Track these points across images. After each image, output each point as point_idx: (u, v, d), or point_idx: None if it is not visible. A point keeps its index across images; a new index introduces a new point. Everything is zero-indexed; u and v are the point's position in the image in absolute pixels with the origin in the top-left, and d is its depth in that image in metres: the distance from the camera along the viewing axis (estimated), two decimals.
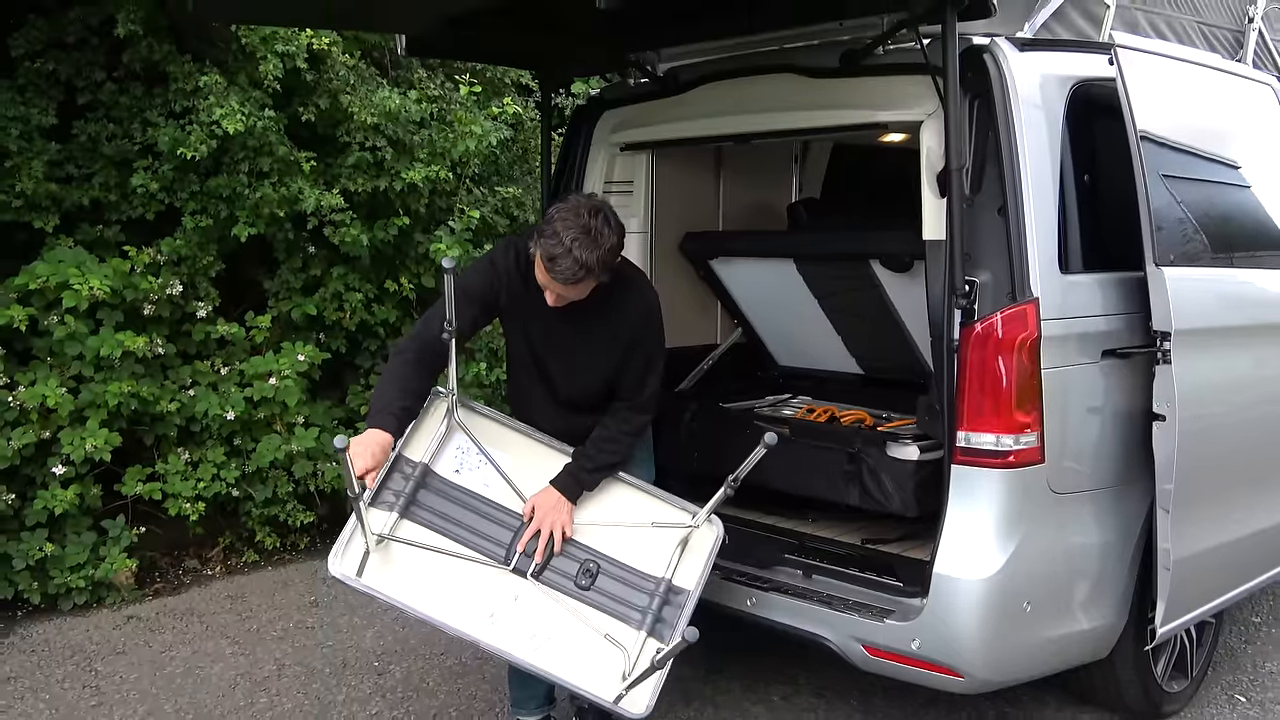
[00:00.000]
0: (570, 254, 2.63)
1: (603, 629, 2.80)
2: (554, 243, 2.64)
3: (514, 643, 2.75)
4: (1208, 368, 3.04)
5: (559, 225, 2.66)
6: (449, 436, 2.95)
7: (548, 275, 2.71)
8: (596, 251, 2.65)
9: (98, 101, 4.98)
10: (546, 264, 2.68)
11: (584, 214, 2.69)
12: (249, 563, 5.01)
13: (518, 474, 2.95)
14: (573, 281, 2.69)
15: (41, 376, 4.50)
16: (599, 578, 2.88)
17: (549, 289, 2.77)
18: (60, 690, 3.73)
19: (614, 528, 2.94)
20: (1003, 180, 2.82)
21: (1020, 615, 2.84)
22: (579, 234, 2.64)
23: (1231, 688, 3.71)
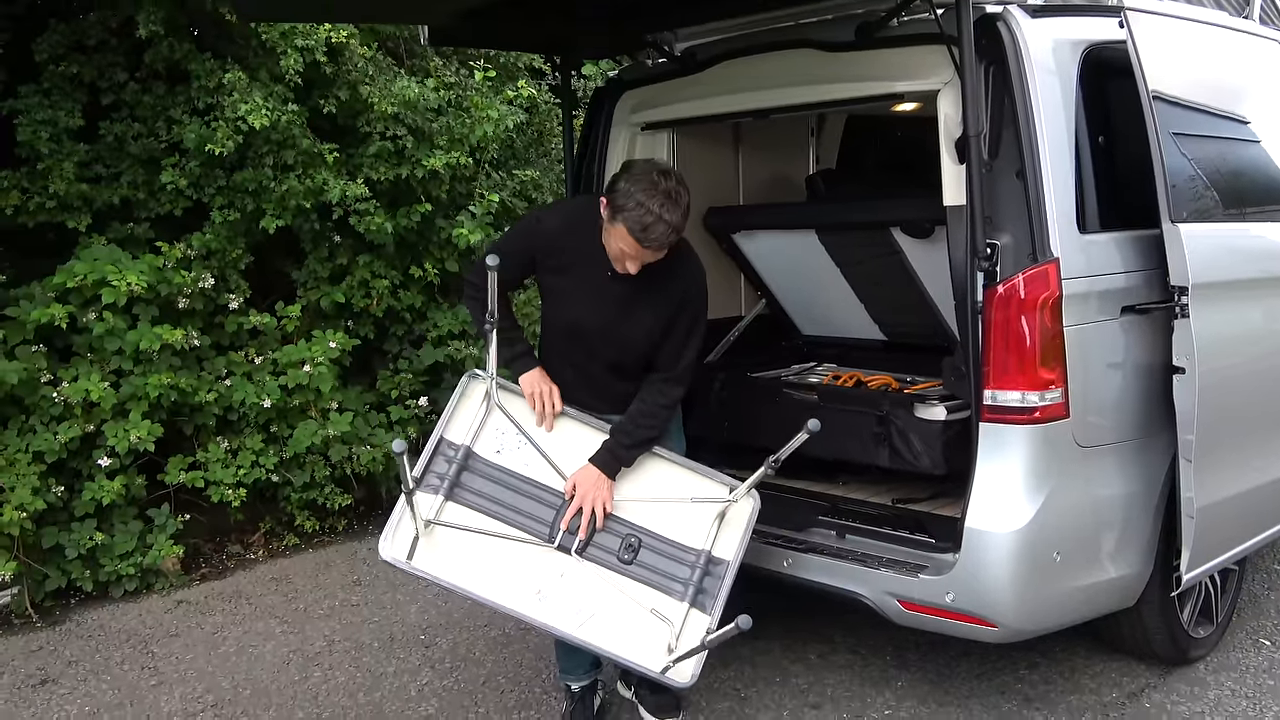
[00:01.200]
0: (662, 220, 2.70)
1: (647, 602, 2.91)
2: (643, 212, 2.70)
3: (561, 618, 2.87)
4: (1223, 320, 3.12)
5: (641, 196, 2.71)
6: (488, 418, 3.05)
7: (637, 246, 2.75)
8: (680, 211, 2.76)
9: (121, 102, 5.08)
10: (638, 236, 2.72)
11: (658, 179, 2.76)
12: (290, 546, 5.13)
13: (557, 452, 3.04)
14: (666, 246, 2.77)
15: (83, 372, 4.62)
16: (640, 552, 2.98)
17: (633, 259, 2.81)
18: (120, 672, 3.86)
19: (654, 503, 3.03)
20: (1020, 144, 2.89)
21: (1050, 566, 2.93)
22: (663, 199, 2.71)
23: (1256, 632, 3.81)
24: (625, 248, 2.79)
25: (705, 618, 2.92)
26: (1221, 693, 3.38)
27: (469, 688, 3.62)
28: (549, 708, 3.43)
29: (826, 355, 4.26)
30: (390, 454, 5.26)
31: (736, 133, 4.30)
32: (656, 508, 3.03)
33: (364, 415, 5.36)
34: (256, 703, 3.57)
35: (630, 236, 2.74)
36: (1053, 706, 3.32)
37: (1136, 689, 3.41)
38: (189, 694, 3.66)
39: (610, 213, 2.78)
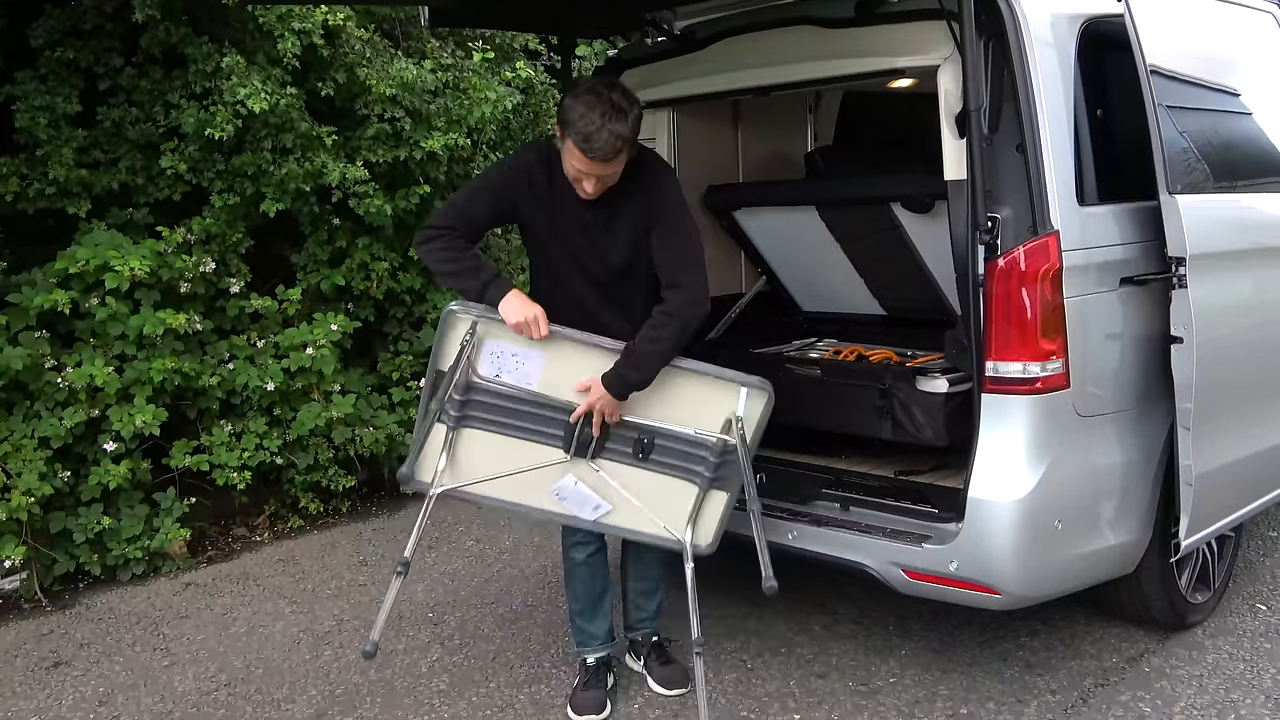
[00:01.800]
0: (605, 128, 2.72)
1: (665, 488, 3.06)
2: (585, 122, 2.73)
3: (580, 512, 3.10)
4: (1219, 291, 3.16)
5: (583, 108, 2.76)
6: (481, 345, 3.06)
7: (585, 160, 2.78)
8: (627, 120, 2.77)
9: (118, 87, 5.08)
10: (582, 146, 2.75)
11: (602, 91, 2.81)
12: (295, 528, 5.17)
13: (556, 366, 3.04)
14: (613, 155, 2.78)
15: (86, 357, 4.64)
16: (654, 449, 3.06)
17: (587, 177, 2.84)
18: (133, 653, 3.90)
19: (663, 405, 3.06)
20: (1019, 118, 2.92)
21: (1052, 533, 2.98)
22: (606, 108, 2.74)
23: (1252, 598, 3.87)
24: (577, 164, 2.83)
25: (724, 494, 3.07)
26: (1219, 656, 3.44)
27: (479, 663, 3.66)
28: (559, 681, 3.48)
29: (827, 331, 4.29)
30: (392, 435, 5.31)
31: (736, 111, 4.32)
32: (668, 408, 3.06)
33: (366, 397, 5.40)
34: (269, 681, 3.62)
35: (577, 149, 2.77)
36: (1054, 672, 3.38)
37: (1136, 654, 3.47)
38: (202, 673, 3.70)
39: (560, 132, 2.83)
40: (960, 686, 3.33)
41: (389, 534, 5.08)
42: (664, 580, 3.46)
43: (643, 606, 3.48)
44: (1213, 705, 3.15)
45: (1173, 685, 3.28)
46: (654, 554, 3.33)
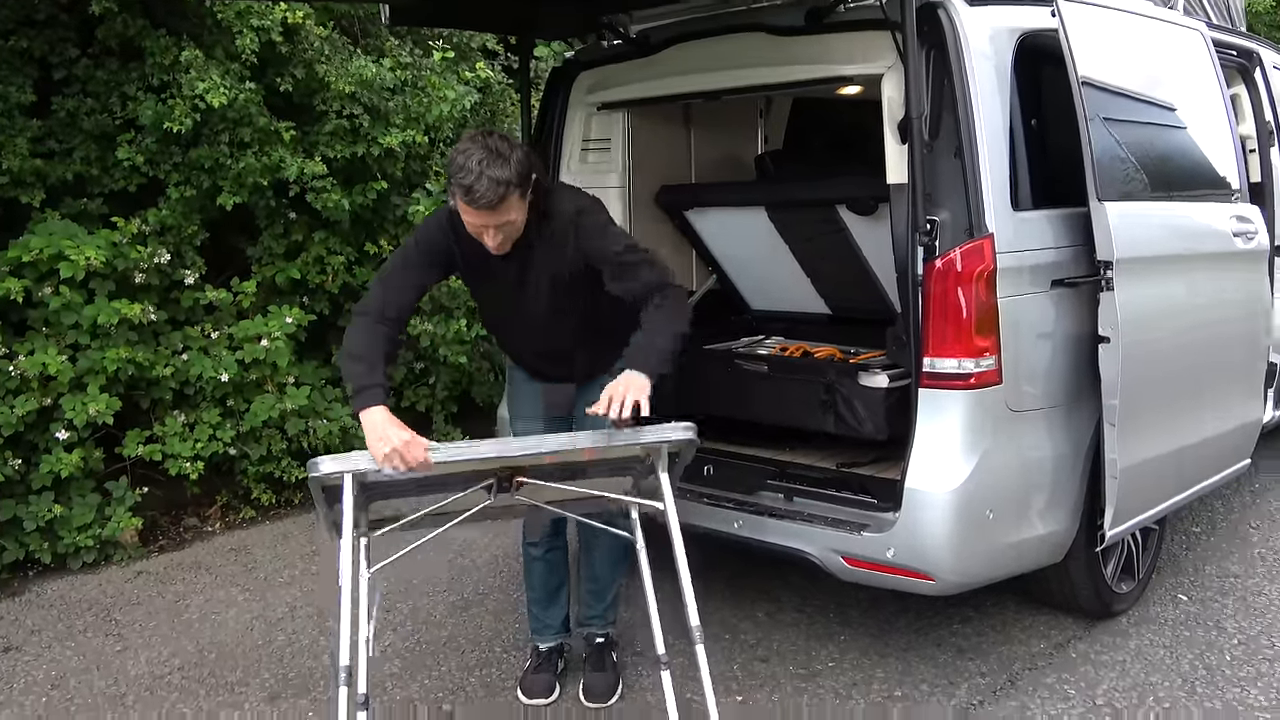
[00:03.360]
0: (483, 175, 2.58)
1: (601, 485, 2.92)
2: (464, 174, 2.60)
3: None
4: (1146, 294, 3.32)
5: (460, 158, 2.63)
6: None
7: (474, 212, 2.66)
8: (508, 164, 2.61)
9: (73, 77, 5.09)
10: (466, 199, 2.63)
11: (478, 137, 2.68)
12: (247, 519, 5.20)
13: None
14: (498, 202, 2.62)
15: (39, 346, 4.65)
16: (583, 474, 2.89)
17: (484, 231, 2.72)
18: (84, 639, 3.92)
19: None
20: (958, 126, 3.07)
21: (984, 522, 3.13)
22: (483, 154, 2.60)
23: (1175, 589, 4.05)
24: (468, 217, 2.71)
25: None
26: (1142, 643, 3.61)
27: (431, 648, 3.74)
28: (509, 665, 3.57)
29: (775, 329, 4.42)
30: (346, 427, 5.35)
31: (688, 113, 4.44)
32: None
33: (320, 390, 5.44)
34: (222, 664, 3.67)
35: (463, 202, 2.66)
36: (985, 656, 3.53)
37: (1063, 640, 3.63)
38: (155, 658, 3.74)
39: (449, 190, 2.74)
40: (896, 670, 3.46)
41: None
42: (617, 584, 3.45)
43: (591, 605, 3.44)
44: (1133, 688, 3.31)
45: (1096, 669, 3.43)
46: (606, 554, 3.35)
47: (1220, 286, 3.80)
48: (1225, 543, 4.51)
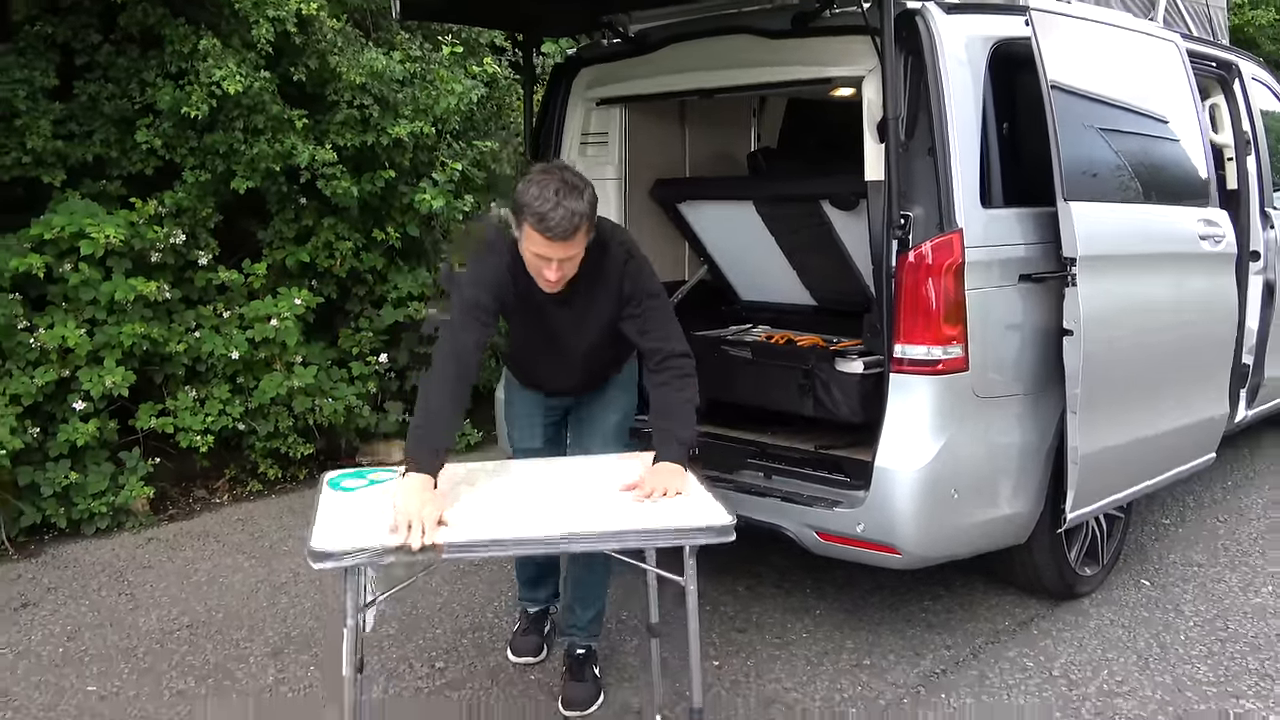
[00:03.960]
0: (560, 205, 2.65)
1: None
2: (541, 202, 2.65)
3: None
4: (1109, 290, 3.49)
5: (536, 189, 2.68)
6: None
7: (545, 241, 2.69)
8: (582, 198, 2.70)
9: (95, 63, 5.29)
10: (539, 227, 2.67)
11: (553, 172, 2.74)
12: (253, 492, 5.41)
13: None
14: (571, 234, 2.68)
15: (58, 320, 4.85)
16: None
17: (547, 263, 2.75)
18: (98, 597, 4.13)
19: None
20: (932, 127, 3.25)
21: (949, 501, 3.32)
22: (559, 185, 2.67)
23: (1139, 575, 4.23)
24: (537, 250, 2.73)
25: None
26: (1101, 622, 3.80)
27: (426, 613, 3.93)
28: (500, 629, 3.76)
29: (762, 318, 4.61)
30: (350, 406, 5.55)
31: (683, 110, 4.64)
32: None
33: (326, 370, 5.63)
34: (229, 624, 3.87)
35: (535, 232, 2.68)
36: (951, 631, 3.72)
37: (1026, 618, 3.82)
38: (165, 616, 3.94)
39: (516, 220, 2.76)
40: (865, 642, 3.66)
41: None
42: (604, 598, 3.42)
43: (577, 614, 3.38)
44: (1089, 662, 3.50)
45: (1055, 645, 3.63)
46: (600, 567, 3.32)
47: (1185, 286, 3.98)
48: (1192, 534, 4.70)
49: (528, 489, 2.87)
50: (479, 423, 5.91)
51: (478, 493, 2.80)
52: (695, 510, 2.66)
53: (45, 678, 3.47)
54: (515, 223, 2.77)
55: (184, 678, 3.47)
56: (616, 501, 2.73)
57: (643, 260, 3.02)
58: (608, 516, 2.62)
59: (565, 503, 2.75)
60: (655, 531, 2.58)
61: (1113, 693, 3.31)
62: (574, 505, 2.73)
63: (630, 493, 2.76)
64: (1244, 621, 3.81)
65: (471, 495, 2.77)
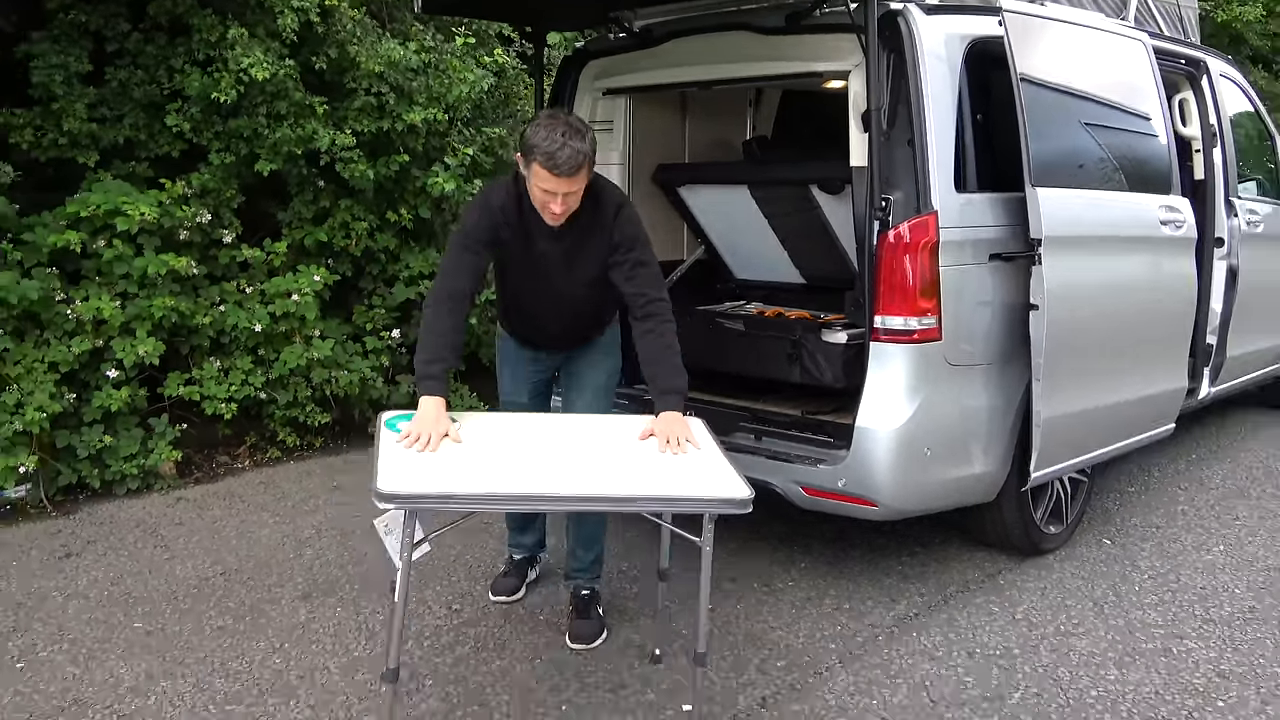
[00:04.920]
0: (567, 144, 2.94)
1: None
2: (549, 142, 2.94)
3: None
4: (1072, 268, 3.81)
5: (544, 131, 2.97)
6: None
7: (552, 177, 2.97)
8: (585, 140, 3.00)
9: (125, 50, 5.59)
10: (547, 165, 2.95)
11: (558, 117, 3.04)
12: (273, 458, 5.72)
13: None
14: (576, 170, 2.97)
15: (93, 293, 5.16)
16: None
17: (553, 196, 3.03)
18: (136, 549, 4.44)
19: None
20: (911, 118, 3.57)
21: (922, 458, 3.64)
22: (565, 128, 2.97)
23: (1101, 535, 4.57)
24: (544, 185, 3.02)
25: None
26: (1063, 575, 4.13)
27: (442, 565, 4.25)
28: None
29: (755, 295, 4.93)
30: (364, 378, 5.86)
31: (684, 100, 4.95)
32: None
33: (342, 344, 5.95)
34: (259, 571, 4.19)
35: (543, 169, 2.97)
36: (925, 581, 4.05)
37: (995, 570, 4.16)
38: (199, 565, 4.26)
39: (525, 161, 3.04)
40: (846, 590, 3.99)
41: (360, 465, 5.64)
42: (602, 542, 3.69)
43: (580, 556, 3.65)
44: (1049, 608, 3.84)
45: (1019, 593, 3.96)
46: (597, 513, 3.53)
47: (1145, 267, 4.30)
48: (1154, 500, 5.03)
49: (549, 443, 3.07)
50: (486, 398, 6.22)
51: (500, 444, 3.03)
52: (716, 480, 2.82)
53: (95, 616, 3.79)
54: (524, 162, 3.06)
55: (222, 616, 3.79)
56: (638, 463, 2.90)
57: (633, 213, 3.29)
58: (632, 480, 2.80)
59: (588, 462, 2.93)
60: (678, 499, 2.77)
61: (1069, 633, 3.64)
62: (598, 465, 2.91)
63: (648, 444, 3.02)
64: (1194, 575, 4.15)
65: (495, 446, 3.00)
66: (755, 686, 3.27)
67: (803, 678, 3.34)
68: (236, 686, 3.28)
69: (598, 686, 3.28)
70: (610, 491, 2.77)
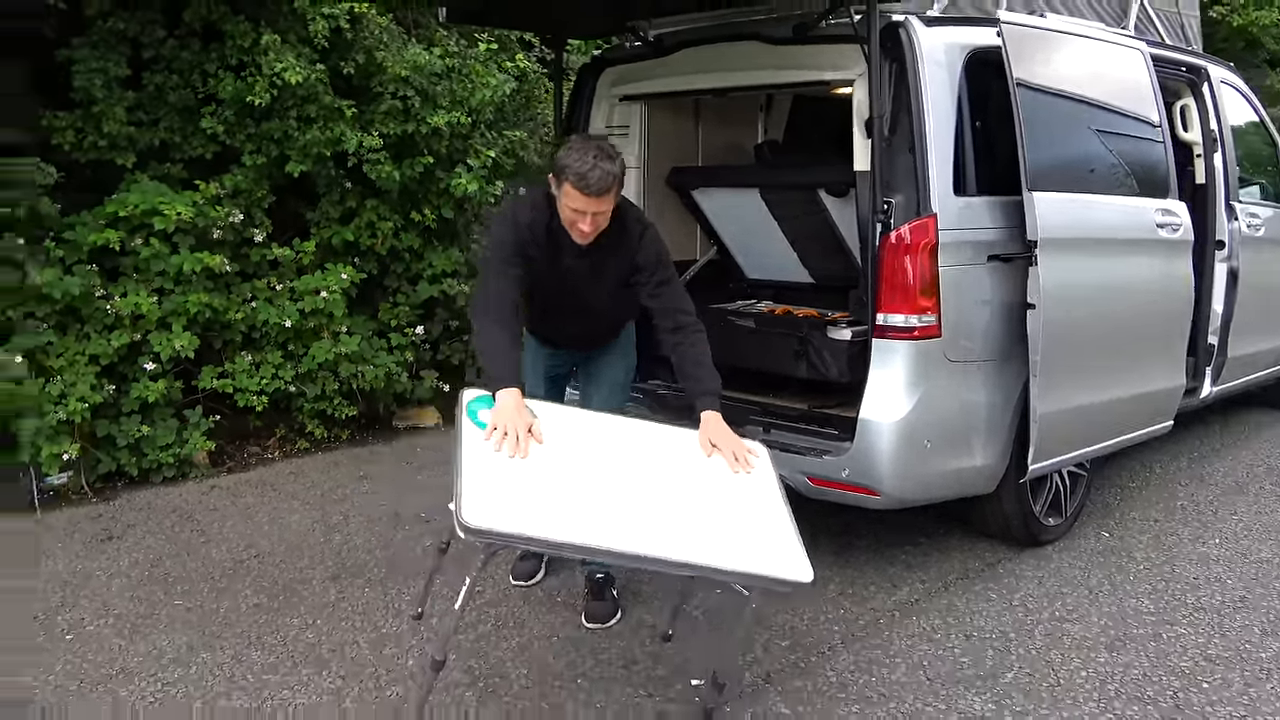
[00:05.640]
0: (598, 166, 3.08)
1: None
2: (580, 163, 3.08)
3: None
4: (1069, 269, 3.97)
5: (576, 154, 3.11)
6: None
7: (582, 196, 3.11)
8: (614, 163, 3.14)
9: (161, 56, 5.82)
10: (579, 185, 3.09)
11: (590, 141, 3.21)
12: (302, 449, 5.94)
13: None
14: (606, 190, 3.11)
15: (131, 289, 5.39)
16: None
17: (583, 216, 3.16)
18: (172, 533, 4.67)
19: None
20: (912, 125, 3.75)
21: (922, 450, 3.81)
22: (595, 151, 3.11)
23: (1100, 528, 4.72)
24: (575, 205, 3.14)
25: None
26: (1061, 564, 4.29)
27: (466, 551, 4.42)
28: None
29: (765, 294, 5.11)
30: (390, 373, 6.07)
31: (697, 106, 5.14)
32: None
33: (368, 339, 6.16)
34: (291, 554, 4.40)
35: (574, 189, 3.10)
36: (926, 570, 4.23)
37: (995, 560, 4.32)
38: (234, 548, 4.48)
39: (557, 181, 3.17)
40: (850, 578, 4.16)
41: (385, 457, 5.86)
42: None
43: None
44: (1045, 595, 4.00)
45: (1017, 581, 4.13)
46: None
47: (1142, 268, 4.44)
48: (1154, 495, 5.18)
49: (620, 470, 2.98)
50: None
51: (576, 460, 2.96)
52: (783, 556, 2.79)
53: (137, 593, 4.01)
54: (556, 183, 3.19)
55: (257, 595, 4.00)
56: (709, 513, 2.88)
57: (656, 234, 3.46)
58: (702, 543, 2.74)
59: (661, 506, 2.86)
60: (743, 575, 2.74)
61: (1063, 619, 3.81)
62: (670, 514, 2.84)
63: (721, 486, 3.02)
64: (1189, 566, 4.30)
65: (571, 465, 2.92)
66: (760, 664, 3.45)
67: (805, 657, 3.52)
68: (272, 658, 3.49)
69: (611, 662, 3.48)
70: (682, 557, 2.70)
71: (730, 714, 3.16)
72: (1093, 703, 3.23)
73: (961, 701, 3.24)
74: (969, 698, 3.26)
